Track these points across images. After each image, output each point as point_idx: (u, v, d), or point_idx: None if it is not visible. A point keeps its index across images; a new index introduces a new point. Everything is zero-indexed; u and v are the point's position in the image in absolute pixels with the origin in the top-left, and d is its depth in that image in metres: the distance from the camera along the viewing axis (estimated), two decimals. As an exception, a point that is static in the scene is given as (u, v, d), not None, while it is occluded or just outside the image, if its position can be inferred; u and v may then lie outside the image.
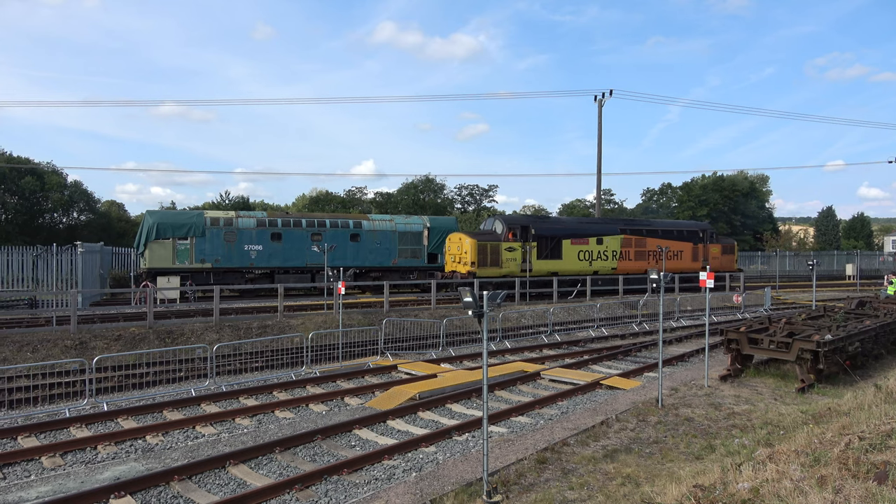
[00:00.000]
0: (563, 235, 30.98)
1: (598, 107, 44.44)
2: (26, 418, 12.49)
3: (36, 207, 50.97)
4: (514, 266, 29.31)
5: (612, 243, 32.50)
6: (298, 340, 18.54)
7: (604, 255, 32.10)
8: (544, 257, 30.22)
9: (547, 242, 30.42)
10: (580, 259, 31.35)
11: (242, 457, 9.80)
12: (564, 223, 32.56)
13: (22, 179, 48.79)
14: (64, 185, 52.82)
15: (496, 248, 28.96)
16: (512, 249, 29.22)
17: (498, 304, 8.34)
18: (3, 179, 48.18)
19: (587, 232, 32.04)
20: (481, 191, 74.38)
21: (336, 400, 13.92)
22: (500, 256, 28.95)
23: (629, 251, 32.93)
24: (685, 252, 35.15)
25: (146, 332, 18.96)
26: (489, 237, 29.44)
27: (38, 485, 9.04)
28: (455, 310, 24.51)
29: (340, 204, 68.23)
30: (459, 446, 10.49)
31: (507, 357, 19.32)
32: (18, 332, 18.23)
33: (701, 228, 36.87)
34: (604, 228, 32.84)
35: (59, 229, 51.19)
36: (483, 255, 28.53)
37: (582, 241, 31.51)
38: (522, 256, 29.49)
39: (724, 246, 37.39)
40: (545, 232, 30.52)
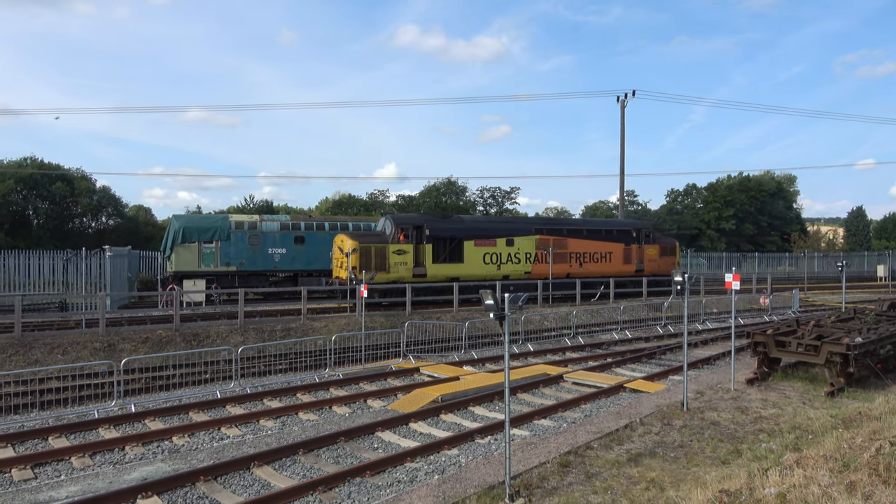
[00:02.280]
0: (465, 236, 27.88)
1: (621, 107, 44.11)
2: (57, 419, 12.74)
3: (66, 212, 52.02)
4: (404, 271, 26.34)
5: (525, 245, 29.26)
6: (322, 343, 18.67)
7: (515, 257, 28.89)
8: (441, 261, 27.10)
9: (445, 244, 27.32)
10: (486, 262, 28.23)
11: (267, 458, 9.89)
12: (467, 223, 29.51)
13: (53, 185, 49.83)
14: (93, 191, 53.84)
15: (382, 251, 25.98)
16: (402, 252, 26.26)
17: (520, 307, 8.32)
18: (34, 185, 49.27)
19: (494, 232, 28.87)
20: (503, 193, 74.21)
21: (359, 402, 13.99)
22: (388, 260, 26.02)
23: (546, 253, 29.56)
24: (615, 254, 31.75)
25: (173, 335, 19.24)
26: (375, 239, 26.64)
27: (68, 484, 9.22)
28: (477, 312, 24.47)
29: (363, 207, 68.59)
30: (482, 449, 10.47)
31: (530, 360, 19.25)
32: (49, 334, 18.62)
33: (635, 227, 33.63)
34: (514, 228, 29.80)
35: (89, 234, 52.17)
36: (366, 258, 25.50)
37: (488, 243, 28.35)
38: (415, 260, 26.59)
39: (662, 247, 33.84)
40: (443, 232, 27.49)
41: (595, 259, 31.21)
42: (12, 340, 17.51)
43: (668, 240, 35.27)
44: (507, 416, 8.08)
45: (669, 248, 34.08)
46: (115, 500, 8.25)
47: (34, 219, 50.11)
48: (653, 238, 33.71)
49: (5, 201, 46.79)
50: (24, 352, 17.13)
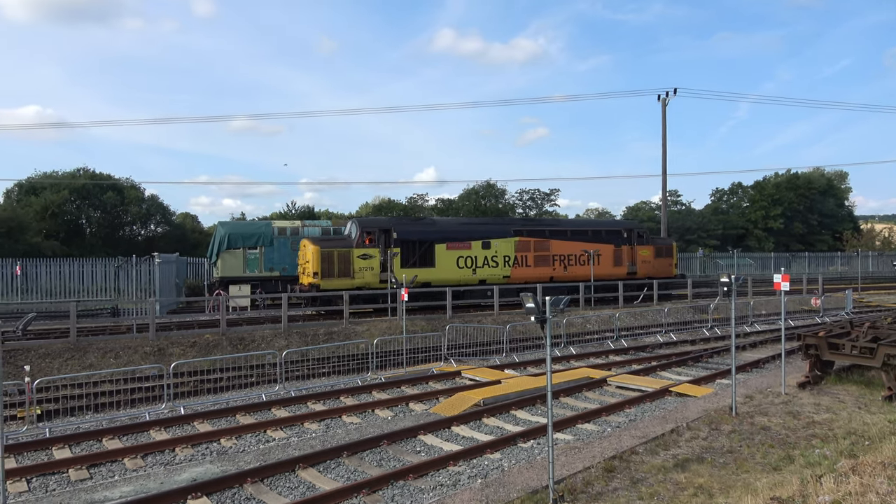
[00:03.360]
0: (437, 239, 26.60)
1: (662, 106, 43.39)
2: (110, 421, 13.16)
3: (117, 221, 53.75)
4: (369, 276, 25.19)
5: (504, 247, 27.74)
6: (363, 346, 18.85)
7: (492, 261, 27.42)
8: (411, 265, 25.82)
9: (414, 248, 26.14)
10: (460, 266, 26.74)
11: (311, 460, 10.02)
12: (439, 225, 28.38)
13: (104, 195, 51.56)
14: (142, 199, 55.52)
15: (346, 256, 24.82)
16: (367, 257, 25.14)
17: (561, 310, 8.26)
18: (87, 195, 51.06)
19: (469, 235, 27.44)
20: (543, 195, 73.73)
21: (401, 405, 14.07)
22: (352, 265, 24.89)
23: (527, 256, 28.09)
24: (604, 255, 29.82)
25: (219, 339, 19.68)
26: (338, 243, 25.65)
27: (122, 485, 9.51)
28: (518, 315, 24.35)
29: (403, 211, 69.06)
30: (525, 453, 10.41)
31: (572, 363, 19.06)
32: (102, 339, 19.26)
33: (626, 228, 31.79)
34: (491, 230, 28.18)
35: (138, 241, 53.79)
36: (328, 263, 24.46)
37: (461, 246, 26.97)
38: (382, 265, 25.43)
39: (657, 248, 31.81)
40: (412, 235, 26.33)
41: (581, 261, 29.26)
42: (68, 345, 18.17)
43: (663, 241, 33.46)
44: (550, 419, 8.01)
45: (665, 249, 32.04)
46: (166, 500, 8.48)
47: (87, 227, 51.92)
48: (647, 238, 31.78)
49: (60, 211, 48.60)
50: (80, 356, 17.76)
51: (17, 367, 15.95)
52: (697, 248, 56.45)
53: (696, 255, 49.48)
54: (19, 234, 41.44)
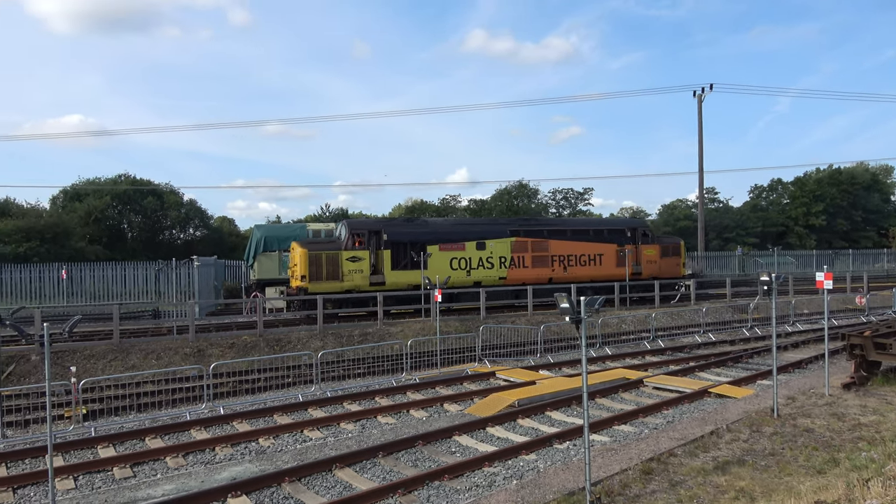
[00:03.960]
0: (429, 240, 25.93)
1: (698, 102, 42.69)
2: (152, 420, 13.48)
3: (157, 225, 55.06)
4: (359, 279, 24.66)
5: (500, 248, 26.89)
6: (398, 347, 18.95)
7: (487, 262, 26.64)
8: (402, 267, 25.31)
9: (405, 249, 25.53)
10: (454, 268, 26.12)
11: (348, 460, 10.12)
12: (431, 226, 27.73)
13: (144, 200, 52.86)
14: (181, 204, 56.76)
15: (334, 259, 24.33)
16: (356, 259, 24.58)
17: (596, 310, 8.18)
18: (128, 201, 52.42)
19: (463, 235, 26.73)
20: (576, 194, 73.14)
21: (435, 406, 14.10)
22: (340, 268, 24.40)
23: (524, 256, 27.19)
24: (606, 256, 28.70)
25: (257, 340, 20.00)
26: (327, 246, 25.29)
27: (164, 483, 9.73)
28: (552, 316, 24.19)
29: (435, 212, 69.22)
30: (560, 454, 10.34)
31: (608, 364, 18.86)
32: (144, 340, 19.74)
33: (630, 227, 30.53)
34: (486, 230, 27.36)
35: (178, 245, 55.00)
36: (316, 266, 24.03)
37: (455, 247, 26.27)
38: (372, 267, 24.99)
39: (663, 246, 30.43)
40: (402, 237, 25.74)
41: (582, 262, 28.27)
42: (112, 346, 18.68)
43: (670, 239, 32.15)
44: (586, 420, 7.94)
45: (672, 248, 30.65)
46: (207, 498, 8.65)
47: (128, 232, 53.30)
48: (652, 237, 30.48)
49: (103, 216, 50.00)
50: (123, 357, 18.23)
51: (64, 368, 16.44)
52: (736, 246, 55.30)
53: (735, 254, 48.48)
54: (65, 240, 42.73)
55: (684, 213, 70.54)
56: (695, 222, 56.98)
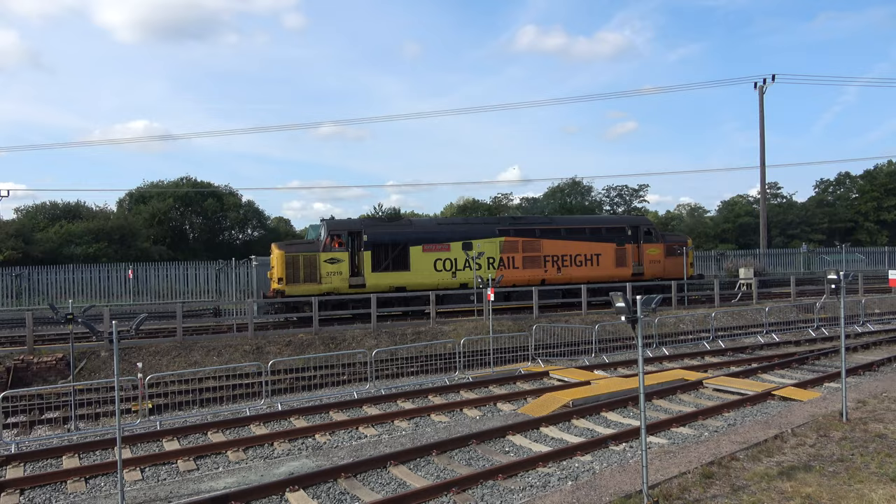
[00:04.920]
0: (412, 241, 25.10)
1: (760, 94, 41.31)
2: (214, 415, 13.92)
3: (217, 226, 56.83)
4: (338, 280, 23.92)
5: (487, 248, 25.89)
6: (451, 346, 18.99)
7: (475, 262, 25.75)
8: (383, 269, 24.57)
9: (387, 250, 24.77)
10: (438, 269, 25.23)
11: (402, 458, 10.20)
12: (415, 226, 26.78)
13: (205, 202, 54.64)
14: (240, 205, 58.42)
15: (312, 260, 23.68)
16: (335, 261, 23.90)
17: (653, 309, 8.00)
18: (190, 202, 54.29)
19: (448, 235, 25.80)
20: (631, 191, 71.76)
21: (489, 405, 14.07)
22: (318, 270, 23.77)
23: (514, 257, 26.14)
24: (605, 255, 27.25)
25: (313, 338, 20.39)
26: (305, 247, 24.60)
27: (225, 476, 10.02)
28: (607, 315, 23.81)
29: (487, 211, 69.09)
30: (616, 456, 10.16)
31: (665, 364, 18.43)
32: (205, 337, 20.38)
33: (631, 224, 28.70)
34: (473, 230, 26.38)
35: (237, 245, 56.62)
36: (293, 268, 23.44)
37: (440, 248, 25.39)
38: (352, 269, 24.25)
39: (668, 245, 28.60)
40: (383, 238, 24.89)
41: (577, 262, 26.94)
42: (175, 343, 19.36)
43: (676, 237, 30.38)
44: (643, 422, 7.78)
45: (678, 247, 28.79)
46: (266, 492, 8.87)
47: (190, 233, 55.19)
48: (656, 236, 28.69)
49: (166, 218, 51.91)
50: (185, 354, 18.88)
51: (131, 364, 17.12)
52: (800, 243, 53.18)
53: (800, 251, 46.60)
54: (131, 241, 44.58)
55: (745, 209, 68.31)
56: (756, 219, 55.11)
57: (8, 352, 18.08)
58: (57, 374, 17.18)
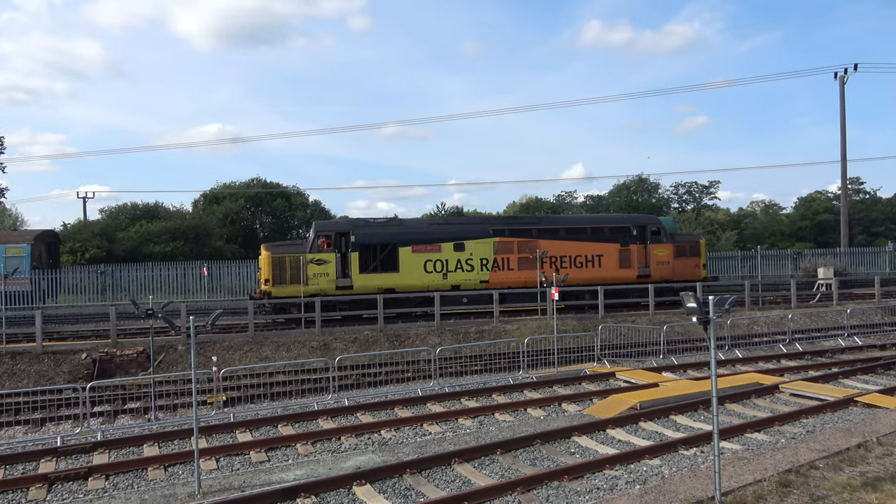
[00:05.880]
0: (401, 242, 24.46)
1: (840, 84, 39.30)
2: (284, 409, 14.33)
3: (285, 225, 58.47)
4: (325, 283, 23.54)
5: (480, 249, 25.02)
6: (514, 345, 18.90)
7: (467, 264, 24.89)
8: (371, 270, 23.99)
9: (374, 251, 24.21)
10: (428, 271, 24.57)
11: (466, 456, 10.22)
12: (406, 226, 25.94)
13: (274, 202, 56.32)
14: (307, 205, 59.95)
15: (298, 262, 23.38)
16: (321, 262, 23.51)
17: (726, 310, 7.74)
18: (260, 202, 56.08)
19: (438, 236, 25.07)
20: (700, 188, 69.57)
21: (553, 405, 13.93)
22: (305, 271, 23.45)
23: (508, 258, 25.20)
24: (608, 256, 25.97)
25: (378, 335, 20.70)
26: (292, 248, 24.42)
27: (295, 468, 10.31)
28: (676, 315, 23.17)
29: (550, 209, 68.43)
30: (687, 461, 9.88)
31: (738, 367, 17.79)
32: (275, 333, 21.00)
33: (637, 224, 27.02)
34: (465, 230, 25.58)
35: (304, 244, 58.03)
36: (280, 270, 23.23)
37: (430, 248, 24.71)
38: (339, 270, 23.81)
39: (677, 246, 26.88)
40: (371, 238, 24.29)
41: (577, 263, 25.82)
42: (247, 339, 20.05)
43: (687, 238, 28.57)
44: (716, 426, 7.53)
45: (689, 248, 27.15)
46: (334, 485, 9.07)
47: (260, 232, 56.96)
48: (664, 236, 26.92)
49: (238, 217, 53.78)
50: (256, 349, 19.52)
51: (206, 358, 17.82)
52: (885, 241, 50.24)
53: (886, 250, 44.02)
54: (205, 239, 46.41)
55: (824, 205, 65.16)
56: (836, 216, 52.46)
57: (94, 344, 19.15)
58: (138, 367, 18.07)
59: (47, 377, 17.25)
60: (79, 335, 21.60)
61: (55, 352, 18.35)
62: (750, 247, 44.71)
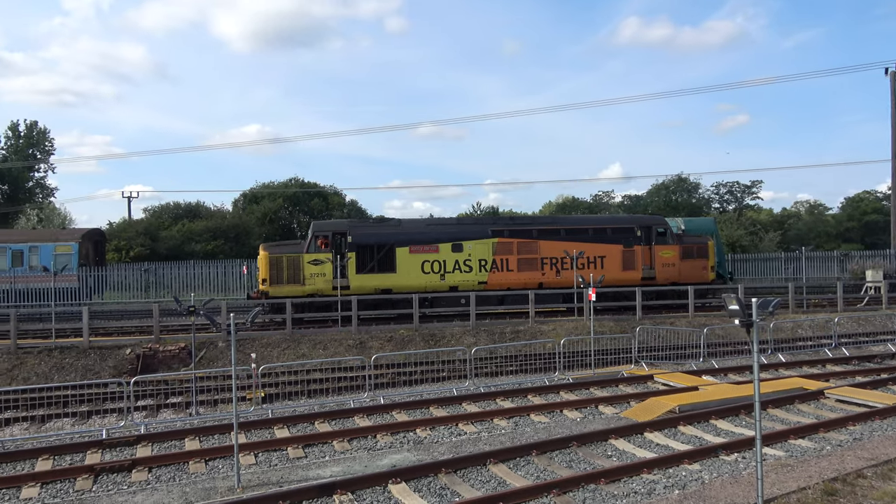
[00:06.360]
0: (398, 242, 24.21)
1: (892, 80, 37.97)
2: (321, 406, 14.50)
3: (323, 225, 59.13)
4: (322, 283, 23.41)
5: (479, 250, 24.61)
6: (550, 346, 18.77)
7: (465, 265, 24.49)
8: (368, 270, 23.78)
9: (371, 252, 23.96)
10: (426, 272, 24.25)
11: (501, 456, 10.19)
12: (402, 227, 25.73)
13: (311, 201, 57.01)
14: (343, 205, 60.49)
15: (295, 262, 23.33)
16: (318, 262, 23.39)
17: (770, 313, 7.54)
18: (297, 202, 56.83)
19: (436, 237, 24.71)
20: (742, 187, 68.02)
21: (590, 408, 13.79)
22: (302, 271, 23.33)
23: (507, 259, 24.74)
24: (610, 258, 25.15)
25: (413, 335, 20.78)
26: (290, 248, 24.37)
27: (331, 465, 10.42)
28: (716, 318, 22.72)
29: (587, 209, 67.72)
30: (728, 467, 9.66)
31: (781, 372, 17.36)
32: (312, 331, 21.26)
33: (642, 224, 26.20)
34: (463, 231, 25.20)
35: (341, 243, 58.60)
36: (277, 269, 23.22)
37: (427, 249, 24.40)
38: (336, 271, 23.57)
39: (684, 248, 25.97)
40: (368, 239, 24.10)
41: (579, 265, 24.85)
42: (285, 336, 20.35)
43: (695, 239, 27.24)
44: (758, 431, 7.35)
45: (696, 249, 26.17)
46: (370, 482, 9.15)
47: (298, 231, 57.70)
48: (670, 237, 26.13)
49: (276, 217, 54.59)
50: (294, 346, 19.79)
51: (245, 355, 18.13)
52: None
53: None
54: (245, 238, 47.26)
55: (872, 205, 63.08)
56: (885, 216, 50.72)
57: (137, 340, 19.68)
58: (179, 363, 18.49)
59: (93, 371, 17.78)
60: (123, 331, 22.23)
61: (101, 347, 18.90)
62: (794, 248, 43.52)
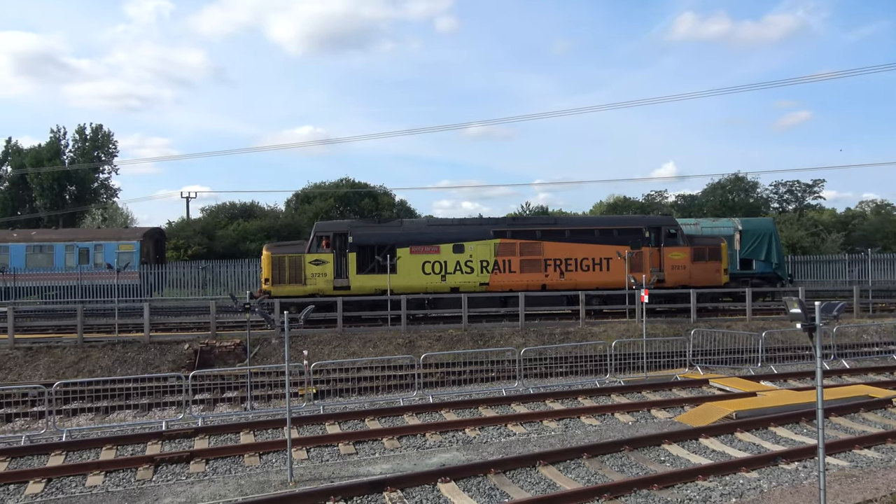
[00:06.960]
0: (399, 243, 23.98)
1: (967, 75, 35.91)
2: (371, 404, 14.66)
3: (373, 224, 59.87)
4: (323, 283, 23.37)
5: (481, 251, 24.23)
6: (601, 348, 18.49)
7: (466, 266, 24.14)
8: (368, 271, 23.58)
9: (372, 252, 23.72)
10: (426, 272, 24.03)
11: (551, 458, 10.10)
12: (403, 227, 25.54)
13: (362, 201, 57.75)
14: (393, 205, 61.07)
15: (297, 262, 23.34)
16: (319, 262, 23.37)
17: (834, 317, 7.25)
18: (348, 202, 57.65)
19: (437, 238, 24.44)
20: (803, 187, 65.51)
21: (642, 411, 13.53)
22: (303, 271, 23.31)
23: (510, 260, 24.26)
24: (616, 260, 24.24)
25: (462, 334, 20.80)
26: (292, 249, 24.36)
27: (381, 462, 10.52)
28: (775, 321, 21.97)
29: (639, 209, 66.45)
30: (787, 476, 9.33)
31: (845, 378, 16.67)
32: (362, 330, 21.52)
33: (651, 225, 25.42)
34: (465, 232, 24.71)
35: (391, 243, 59.22)
36: (279, 269, 23.23)
37: (428, 250, 24.15)
38: (337, 271, 23.52)
39: (695, 249, 24.98)
40: (369, 239, 23.96)
41: (584, 266, 24.60)
42: (336, 334, 20.66)
43: (706, 240, 26.27)
44: (821, 439, 7.06)
45: (710, 251, 25.17)
46: (419, 480, 9.20)
47: (348, 231, 58.64)
48: (680, 238, 25.22)
49: (327, 217, 55.48)
50: (344, 344, 20.07)
51: (298, 352, 18.49)
52: None
53: None
54: (297, 238, 48.20)
55: (945, 206, 59.85)
56: (960, 217, 48.14)
57: (195, 336, 20.30)
58: (234, 358, 18.99)
59: (153, 365, 18.43)
60: (182, 327, 22.98)
61: (160, 342, 19.58)
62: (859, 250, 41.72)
